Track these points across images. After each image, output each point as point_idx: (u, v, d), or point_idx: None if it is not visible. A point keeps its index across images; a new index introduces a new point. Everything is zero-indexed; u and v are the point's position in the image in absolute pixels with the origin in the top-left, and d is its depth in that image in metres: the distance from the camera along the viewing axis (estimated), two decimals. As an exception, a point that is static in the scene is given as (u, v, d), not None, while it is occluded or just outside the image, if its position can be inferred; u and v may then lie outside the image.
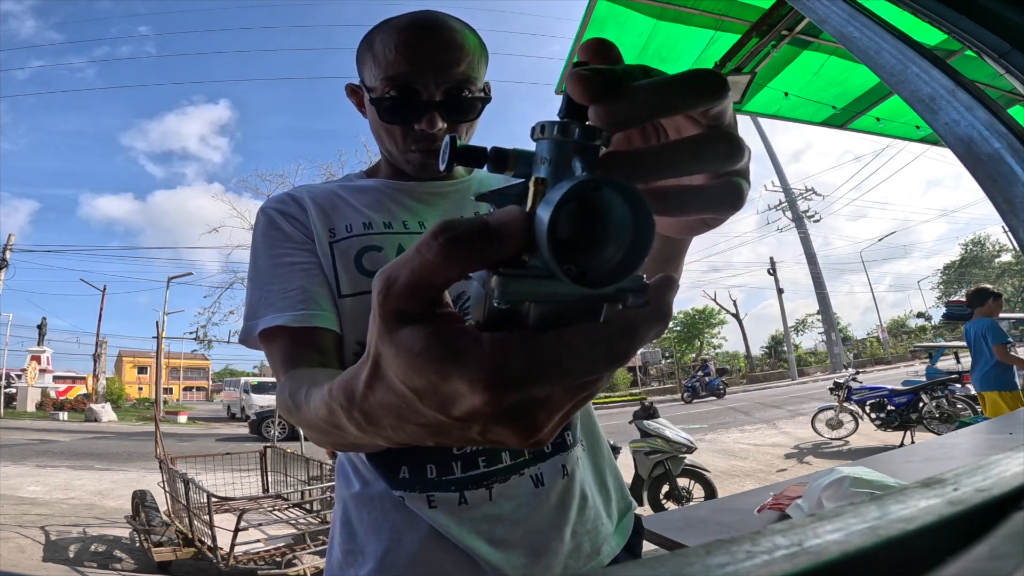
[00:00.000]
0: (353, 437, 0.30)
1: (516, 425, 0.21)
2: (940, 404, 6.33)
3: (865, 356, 28.66)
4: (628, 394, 21.42)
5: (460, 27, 0.66)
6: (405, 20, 0.65)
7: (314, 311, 0.60)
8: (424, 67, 0.63)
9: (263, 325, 0.59)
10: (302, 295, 0.60)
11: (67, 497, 5.75)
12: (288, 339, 0.59)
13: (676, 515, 1.38)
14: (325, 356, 0.59)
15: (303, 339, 0.58)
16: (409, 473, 0.63)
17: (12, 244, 21.73)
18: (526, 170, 0.24)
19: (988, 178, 0.47)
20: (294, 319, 0.59)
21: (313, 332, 0.59)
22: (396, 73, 0.64)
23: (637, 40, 2.31)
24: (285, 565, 3.02)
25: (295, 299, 0.60)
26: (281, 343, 0.59)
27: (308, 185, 0.74)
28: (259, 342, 0.61)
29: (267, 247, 0.65)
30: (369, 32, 0.68)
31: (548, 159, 0.22)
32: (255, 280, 0.64)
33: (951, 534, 0.19)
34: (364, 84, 0.69)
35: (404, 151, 0.69)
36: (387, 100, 0.65)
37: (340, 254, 0.65)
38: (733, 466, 6.12)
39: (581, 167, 0.22)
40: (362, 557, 0.63)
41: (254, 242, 0.67)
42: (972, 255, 37.30)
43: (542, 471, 0.65)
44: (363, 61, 0.69)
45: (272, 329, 0.59)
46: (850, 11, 0.66)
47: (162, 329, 21.92)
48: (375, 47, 0.66)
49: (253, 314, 0.61)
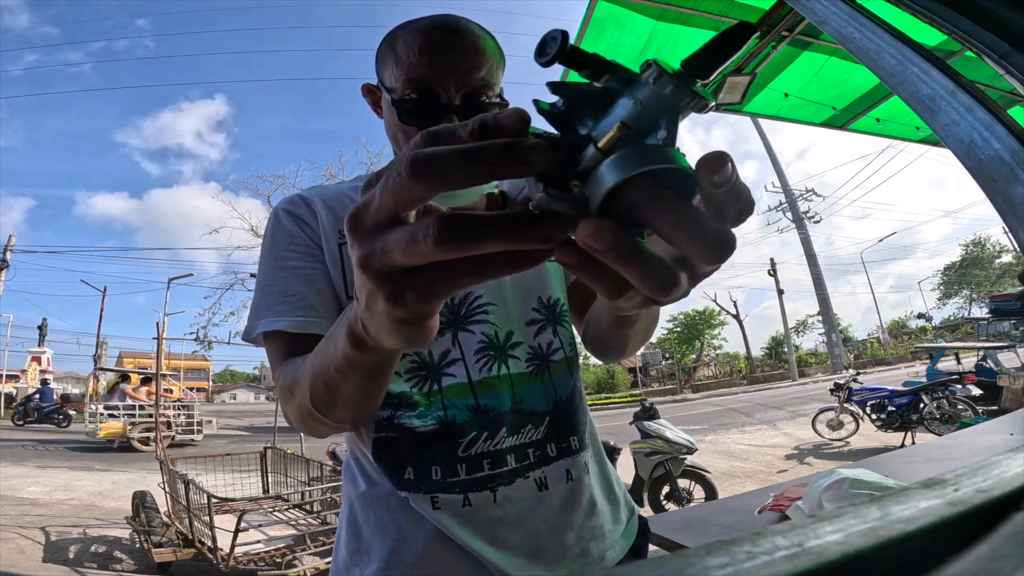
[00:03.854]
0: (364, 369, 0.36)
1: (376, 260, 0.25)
2: (941, 405, 6.33)
3: (866, 357, 28.63)
4: (628, 395, 21.42)
5: (481, 32, 0.67)
6: (427, 23, 0.66)
7: (311, 318, 0.61)
8: (445, 70, 0.64)
9: (261, 328, 0.62)
10: (301, 301, 0.62)
11: (67, 498, 5.75)
12: (286, 342, 0.61)
13: (676, 516, 1.38)
14: None
15: (300, 343, 0.60)
16: (414, 474, 0.63)
17: (12, 245, 21.75)
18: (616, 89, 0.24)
19: (988, 179, 0.47)
20: (291, 325, 0.60)
21: (309, 338, 0.60)
22: (418, 75, 0.64)
23: (637, 41, 2.31)
24: (285, 566, 3.01)
25: (295, 305, 0.62)
26: (279, 345, 0.61)
27: (320, 187, 0.75)
28: (261, 341, 0.63)
29: (273, 249, 0.67)
30: (391, 33, 0.68)
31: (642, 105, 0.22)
32: (260, 281, 0.66)
33: (951, 535, 0.19)
34: (383, 84, 0.69)
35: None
36: (407, 102, 0.65)
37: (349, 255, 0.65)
38: (733, 467, 6.11)
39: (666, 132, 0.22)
40: (368, 556, 0.64)
41: (264, 241, 0.69)
42: (973, 256, 37.28)
43: (546, 475, 0.65)
44: (384, 62, 0.69)
45: (272, 332, 0.61)
46: (850, 12, 0.66)
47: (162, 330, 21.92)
48: (397, 48, 0.66)
49: (255, 315, 0.63)
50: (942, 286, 38.79)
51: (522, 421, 0.66)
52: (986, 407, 6.44)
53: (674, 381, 25.12)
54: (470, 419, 0.64)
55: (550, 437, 0.67)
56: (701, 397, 19.39)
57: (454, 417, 0.63)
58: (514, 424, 0.65)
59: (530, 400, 0.67)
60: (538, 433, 0.66)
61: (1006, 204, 0.46)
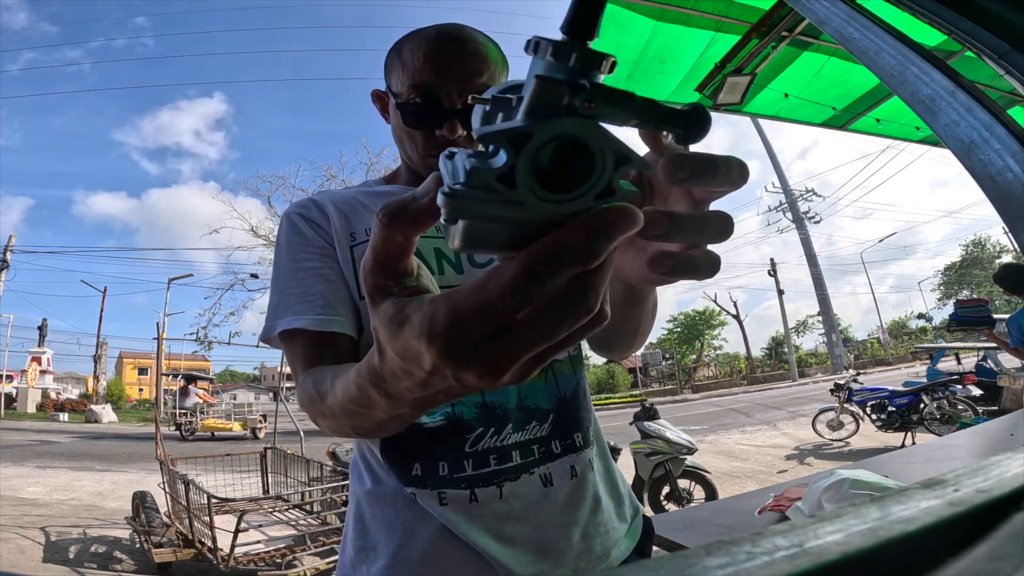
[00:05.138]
0: (381, 411, 0.33)
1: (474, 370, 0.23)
2: (941, 405, 6.33)
3: (866, 357, 28.61)
4: (628, 395, 21.41)
5: (484, 40, 0.70)
6: (432, 32, 0.69)
7: (331, 316, 0.62)
8: (448, 76, 0.66)
9: (282, 327, 0.62)
10: (321, 300, 0.63)
11: (67, 498, 5.75)
12: (307, 341, 0.61)
13: (677, 516, 1.38)
14: (341, 358, 0.61)
15: (321, 341, 0.61)
16: (421, 470, 0.64)
17: (13, 245, 21.76)
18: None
19: (988, 179, 0.47)
20: (312, 323, 0.61)
21: (330, 336, 0.62)
22: (422, 81, 0.67)
23: (637, 41, 2.31)
24: (285, 566, 3.01)
25: (314, 303, 0.63)
26: (300, 345, 0.61)
27: (330, 191, 0.77)
28: (279, 342, 0.64)
29: (289, 251, 0.68)
30: (399, 41, 0.72)
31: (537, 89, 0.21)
32: (276, 283, 0.67)
33: (952, 535, 0.19)
34: (390, 90, 0.72)
35: (424, 156, 0.71)
36: (411, 106, 0.68)
37: (359, 257, 0.68)
38: (734, 467, 6.11)
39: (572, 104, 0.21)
40: (374, 553, 0.64)
41: (278, 245, 0.70)
42: (973, 256, 37.29)
43: (551, 471, 0.67)
44: (391, 68, 0.72)
45: (292, 331, 0.62)
46: (850, 12, 0.66)
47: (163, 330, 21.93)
48: (404, 55, 0.69)
49: (273, 315, 0.64)
50: (942, 286, 38.78)
51: (527, 418, 0.67)
52: (986, 407, 6.43)
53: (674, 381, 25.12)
54: (477, 415, 0.65)
55: (554, 434, 0.68)
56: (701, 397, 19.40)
57: (461, 413, 0.64)
58: (519, 420, 0.66)
59: (535, 397, 0.68)
60: (543, 430, 0.67)
61: (1006, 204, 0.46)
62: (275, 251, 0.70)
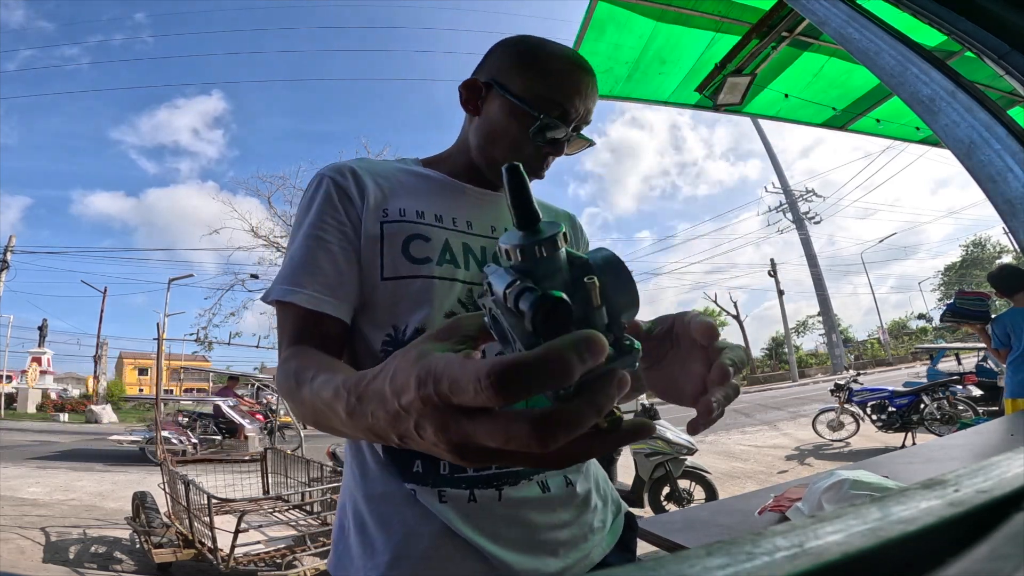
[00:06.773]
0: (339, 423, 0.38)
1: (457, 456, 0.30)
2: (941, 405, 6.33)
3: (866, 357, 28.60)
4: (629, 395, 21.31)
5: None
6: (569, 54, 0.72)
7: (327, 297, 0.62)
8: (581, 105, 0.71)
9: (275, 295, 0.63)
10: (322, 278, 0.63)
11: (67, 498, 5.75)
12: (296, 315, 0.62)
13: (677, 517, 1.38)
14: (327, 342, 0.61)
15: (309, 319, 0.61)
16: (423, 467, 0.64)
17: (13, 246, 21.76)
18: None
19: (988, 179, 0.47)
20: (305, 300, 0.61)
21: (319, 316, 0.61)
22: (562, 99, 0.70)
23: (637, 42, 2.31)
24: (285, 567, 3.01)
25: (315, 279, 0.63)
26: (291, 316, 0.62)
27: (370, 160, 0.77)
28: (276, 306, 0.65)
29: (311, 216, 0.67)
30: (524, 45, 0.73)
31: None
32: (291, 245, 0.67)
33: (952, 535, 0.19)
34: (507, 89, 0.71)
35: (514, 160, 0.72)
36: (544, 117, 0.69)
37: (389, 236, 0.67)
38: (734, 468, 6.11)
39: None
40: (372, 550, 0.64)
41: (302, 203, 0.70)
42: (973, 256, 37.28)
43: (547, 478, 0.68)
44: (515, 68, 0.72)
45: (286, 301, 0.62)
46: (850, 12, 0.66)
47: (163, 331, 21.93)
48: (540, 62, 0.70)
49: (277, 279, 0.65)
50: (943, 287, 38.77)
51: None
52: (986, 407, 6.43)
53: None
54: None
55: None
56: (701, 398, 19.33)
57: None
58: None
59: (536, 402, 0.67)
60: None
61: (1006, 205, 0.46)
62: (299, 207, 0.70)
